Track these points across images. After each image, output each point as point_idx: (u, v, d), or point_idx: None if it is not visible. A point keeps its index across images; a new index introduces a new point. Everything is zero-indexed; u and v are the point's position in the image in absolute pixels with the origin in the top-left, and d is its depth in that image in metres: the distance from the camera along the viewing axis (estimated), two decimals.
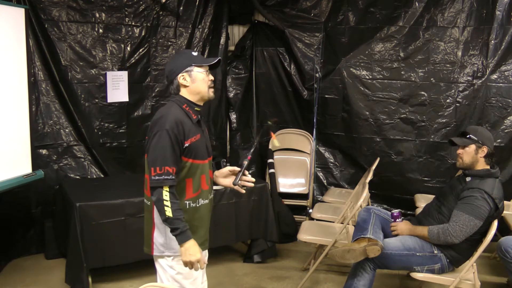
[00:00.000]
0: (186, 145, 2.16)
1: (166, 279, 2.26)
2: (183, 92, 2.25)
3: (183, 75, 2.23)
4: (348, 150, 5.03)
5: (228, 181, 2.40)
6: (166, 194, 2.09)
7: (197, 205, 2.24)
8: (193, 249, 2.12)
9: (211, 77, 2.29)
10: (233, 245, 4.37)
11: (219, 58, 2.32)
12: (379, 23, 4.74)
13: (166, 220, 2.10)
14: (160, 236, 2.23)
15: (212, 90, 2.28)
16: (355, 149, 4.96)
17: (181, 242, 2.11)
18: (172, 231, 2.12)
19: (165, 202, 2.08)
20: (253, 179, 2.35)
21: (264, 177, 4.96)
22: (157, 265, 2.32)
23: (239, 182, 2.31)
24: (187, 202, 2.21)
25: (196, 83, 2.23)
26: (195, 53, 2.28)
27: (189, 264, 2.15)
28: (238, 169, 2.36)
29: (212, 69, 2.32)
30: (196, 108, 2.26)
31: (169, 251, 2.23)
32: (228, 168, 2.39)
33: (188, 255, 2.12)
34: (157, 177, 2.09)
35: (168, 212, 2.08)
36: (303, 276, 3.75)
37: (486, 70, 4.45)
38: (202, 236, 2.28)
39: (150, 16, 4.59)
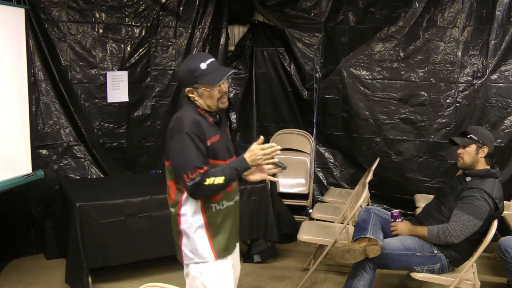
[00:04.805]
0: (208, 144, 2.09)
1: (196, 287, 2.19)
2: (194, 100, 2.17)
3: (189, 90, 2.14)
4: (348, 150, 5.03)
5: (257, 176, 2.30)
6: (208, 183, 2.03)
7: (222, 207, 2.18)
8: (250, 157, 2.10)
9: (224, 89, 2.16)
10: None
11: (232, 71, 2.20)
12: (379, 23, 4.74)
13: (228, 181, 2.07)
14: (188, 243, 2.17)
15: (222, 101, 2.17)
16: (355, 149, 4.95)
17: (246, 166, 2.10)
18: (237, 176, 2.10)
19: (215, 185, 2.04)
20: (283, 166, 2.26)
21: None
22: (186, 273, 2.24)
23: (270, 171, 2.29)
24: (213, 205, 2.15)
25: (203, 98, 2.14)
26: (203, 65, 2.10)
27: (263, 156, 2.10)
28: None
29: None
30: (212, 113, 2.19)
31: (198, 257, 2.17)
32: None
33: (255, 159, 2.10)
34: (191, 182, 2.02)
35: (220, 180, 2.04)
36: (303, 276, 3.75)
37: (486, 70, 4.44)
38: (226, 239, 2.20)
39: (150, 16, 4.59)
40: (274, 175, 2.35)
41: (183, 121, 2.07)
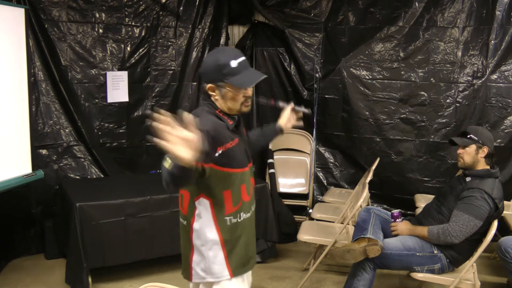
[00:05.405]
0: (220, 151, 1.85)
1: None
2: (213, 99, 1.94)
3: (212, 87, 1.91)
4: (348, 150, 5.03)
5: (289, 124, 2.32)
6: (163, 164, 1.63)
7: (239, 220, 1.99)
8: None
9: (249, 93, 1.94)
10: None
11: (264, 76, 1.95)
12: (379, 23, 4.74)
13: (174, 168, 1.57)
14: (200, 260, 1.98)
15: (246, 104, 1.96)
16: (355, 149, 4.95)
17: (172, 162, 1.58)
18: (175, 168, 1.58)
19: (164, 168, 1.61)
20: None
21: (264, 177, 4.96)
22: None
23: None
24: (228, 218, 1.95)
25: (224, 100, 1.92)
26: (234, 63, 1.86)
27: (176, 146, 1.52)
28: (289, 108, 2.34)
29: None
30: (231, 115, 1.99)
31: (211, 276, 1.97)
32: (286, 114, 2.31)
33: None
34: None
35: (165, 163, 1.61)
36: (303, 276, 3.75)
37: (486, 70, 4.45)
38: (244, 255, 2.03)
39: (150, 16, 4.59)
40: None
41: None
